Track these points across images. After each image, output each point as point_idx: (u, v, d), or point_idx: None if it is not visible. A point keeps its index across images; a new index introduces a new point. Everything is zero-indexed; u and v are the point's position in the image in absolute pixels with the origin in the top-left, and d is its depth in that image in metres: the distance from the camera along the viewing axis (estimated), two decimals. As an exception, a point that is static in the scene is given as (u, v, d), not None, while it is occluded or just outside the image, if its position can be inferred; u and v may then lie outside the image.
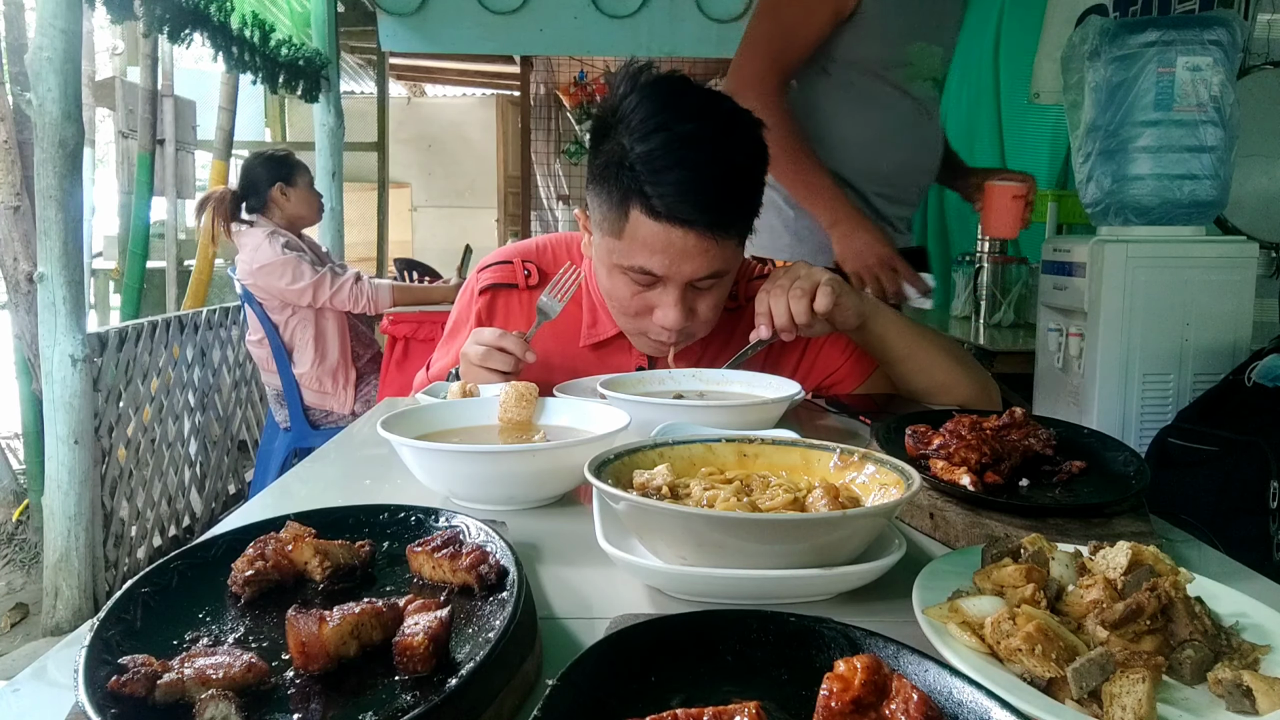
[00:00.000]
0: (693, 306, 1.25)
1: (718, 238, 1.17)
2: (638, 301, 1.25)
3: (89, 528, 2.58)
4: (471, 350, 1.23)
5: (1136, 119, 2.18)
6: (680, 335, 1.28)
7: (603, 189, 1.20)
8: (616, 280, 1.26)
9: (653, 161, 1.13)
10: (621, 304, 1.28)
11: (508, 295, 1.44)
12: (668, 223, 1.15)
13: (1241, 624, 0.59)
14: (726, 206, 1.18)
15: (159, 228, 5.17)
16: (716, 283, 1.25)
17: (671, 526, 0.64)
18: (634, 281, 1.23)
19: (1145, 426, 2.22)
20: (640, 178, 1.14)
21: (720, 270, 1.22)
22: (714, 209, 1.16)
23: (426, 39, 4.87)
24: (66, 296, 2.45)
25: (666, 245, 1.16)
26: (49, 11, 2.35)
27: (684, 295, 1.23)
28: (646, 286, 1.23)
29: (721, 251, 1.19)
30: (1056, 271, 2.38)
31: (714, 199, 1.16)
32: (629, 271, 1.22)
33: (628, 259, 1.20)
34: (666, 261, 1.18)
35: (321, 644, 0.49)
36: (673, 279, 1.20)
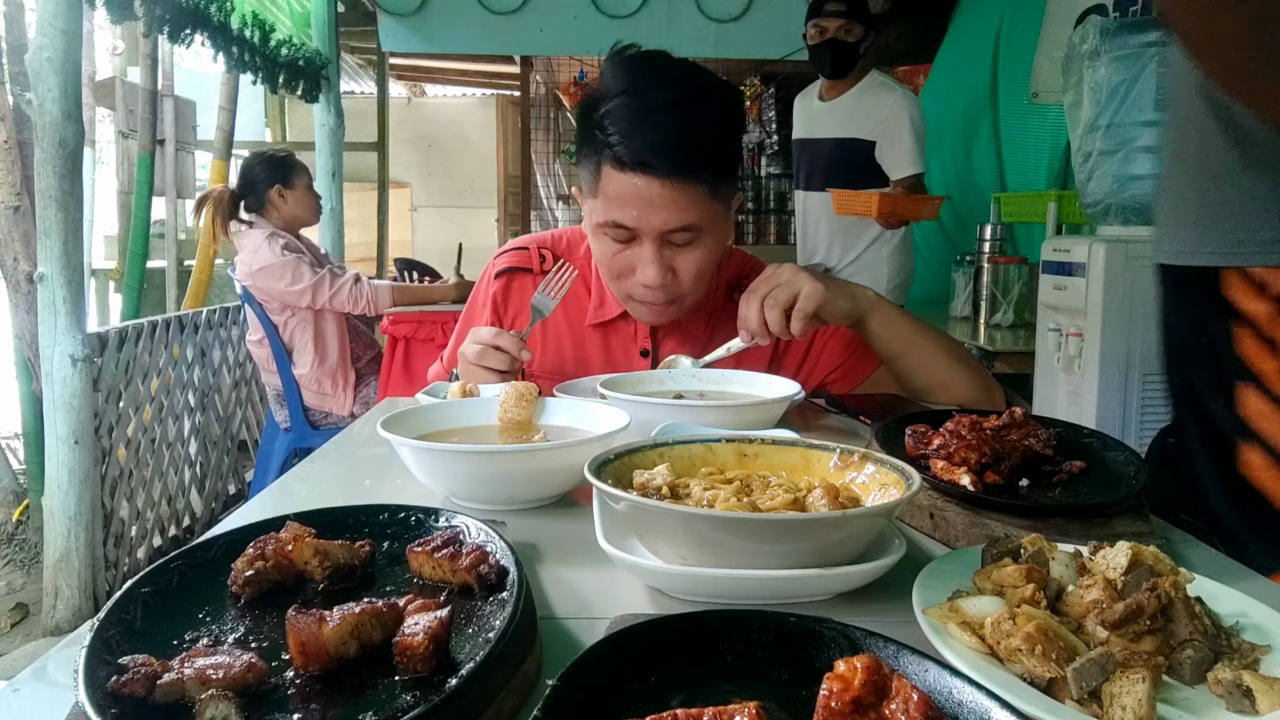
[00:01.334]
0: (673, 266, 1.28)
1: (681, 186, 1.20)
2: (620, 261, 1.29)
3: (89, 528, 2.58)
4: (469, 349, 1.24)
5: (1136, 119, 2.18)
6: (665, 295, 1.29)
7: (584, 157, 1.28)
8: (600, 242, 1.30)
9: (618, 116, 1.20)
10: (608, 266, 1.31)
11: (523, 279, 1.48)
12: (632, 172, 1.20)
13: (1241, 624, 0.59)
14: (687, 154, 1.20)
15: (159, 228, 5.17)
16: (694, 240, 1.27)
17: (671, 526, 0.64)
18: (614, 240, 1.27)
19: (1145, 426, 2.22)
20: (607, 131, 1.20)
21: (691, 224, 1.24)
22: (674, 155, 1.19)
23: (426, 39, 4.88)
24: (66, 296, 2.45)
25: (634, 196, 1.21)
26: (49, 11, 2.35)
27: (660, 251, 1.26)
28: (625, 244, 1.27)
29: (691, 205, 1.22)
30: (1056, 271, 2.38)
31: (674, 146, 1.19)
32: (606, 228, 1.26)
33: (603, 215, 1.25)
34: (635, 213, 1.22)
35: (321, 644, 0.49)
36: (644, 231, 1.24)
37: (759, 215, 6.50)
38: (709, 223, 1.27)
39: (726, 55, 5.09)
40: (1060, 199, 3.02)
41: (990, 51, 4.22)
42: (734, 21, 4.84)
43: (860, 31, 3.22)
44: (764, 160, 6.84)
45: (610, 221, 1.24)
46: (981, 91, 4.27)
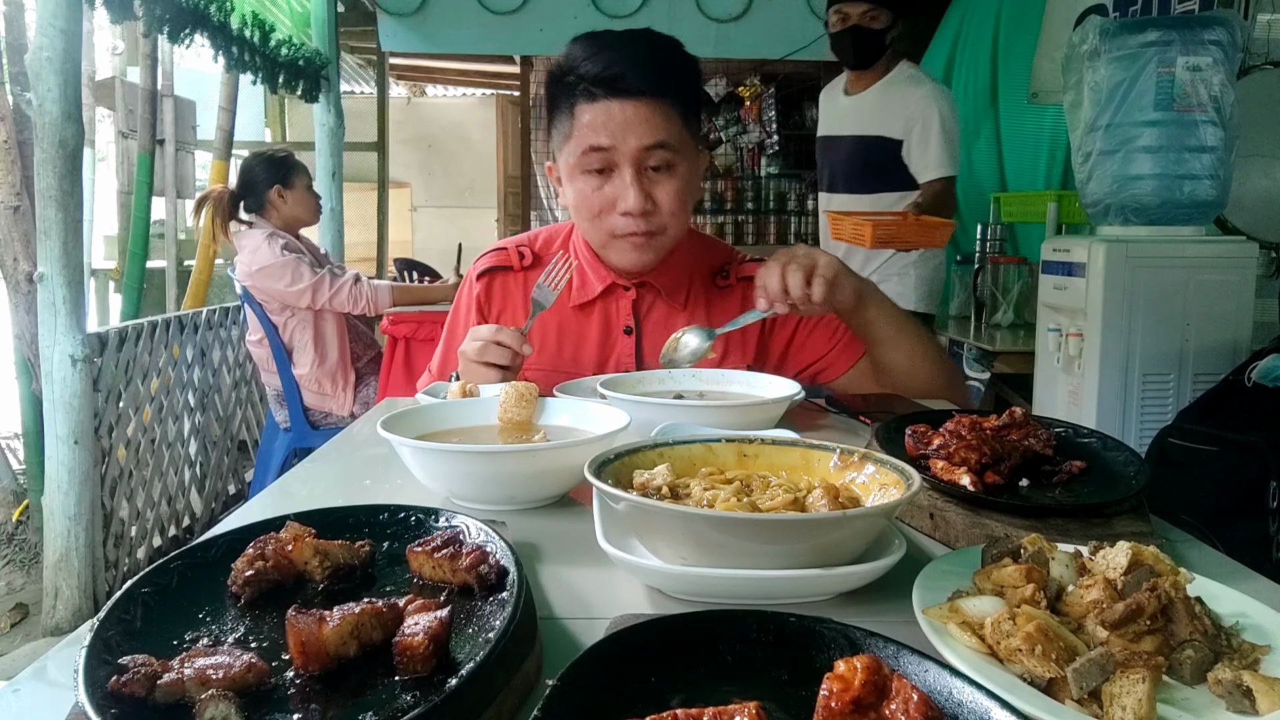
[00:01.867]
0: (651, 194, 1.31)
1: (652, 103, 1.27)
2: (599, 198, 1.32)
3: (89, 528, 2.58)
4: (469, 347, 1.25)
5: (1136, 119, 2.18)
6: (646, 224, 1.32)
7: (557, 116, 1.34)
8: (579, 184, 1.33)
9: (588, 53, 1.29)
10: (587, 206, 1.33)
11: (504, 277, 1.50)
12: (605, 98, 1.27)
13: (1241, 624, 0.59)
14: (656, 70, 1.28)
15: (159, 228, 5.17)
16: (670, 163, 1.31)
17: (671, 526, 0.64)
18: (592, 173, 1.31)
19: (1145, 426, 2.22)
20: (578, 72, 1.28)
21: (665, 140, 1.29)
22: (644, 72, 1.27)
23: (426, 39, 4.88)
24: (66, 296, 2.45)
25: (607, 118, 1.27)
26: (49, 11, 2.35)
27: (639, 176, 1.30)
28: (603, 174, 1.31)
29: (664, 122, 1.28)
30: (1056, 271, 2.38)
31: (639, 63, 1.27)
32: (584, 160, 1.30)
33: (580, 147, 1.29)
34: (610, 134, 1.27)
35: (321, 644, 0.49)
36: (621, 152, 1.28)
37: (759, 215, 6.50)
38: (682, 146, 1.32)
39: (726, 55, 5.09)
40: (1060, 199, 3.02)
41: (989, 52, 4.22)
42: (734, 21, 4.84)
43: (887, 19, 2.93)
44: (764, 160, 6.83)
45: (588, 148, 1.28)
46: (981, 92, 4.27)
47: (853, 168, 3.13)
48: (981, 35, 4.28)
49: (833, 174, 3.24)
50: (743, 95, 6.75)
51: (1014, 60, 3.93)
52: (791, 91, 6.73)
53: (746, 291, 1.49)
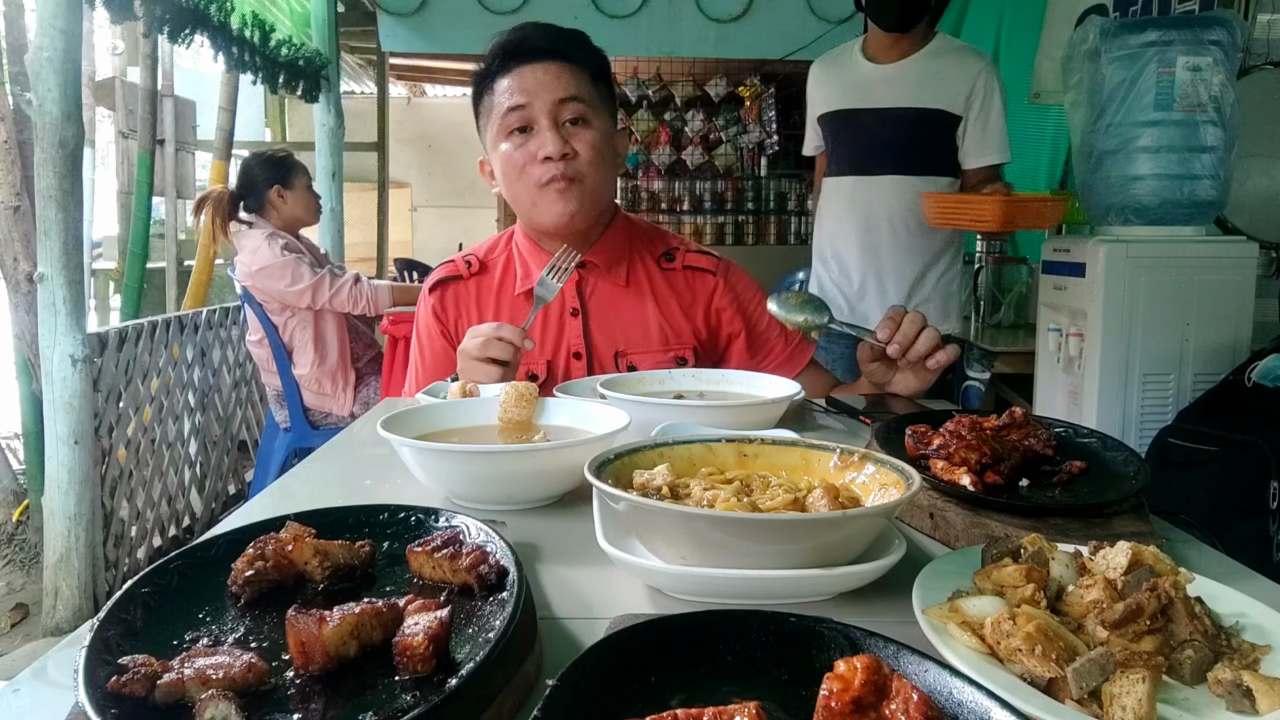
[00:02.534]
0: (569, 142, 1.38)
1: (563, 64, 1.38)
2: (522, 154, 1.39)
3: (89, 528, 2.58)
4: (470, 344, 1.26)
5: (1137, 119, 2.18)
6: (567, 169, 1.38)
7: (481, 107, 1.44)
8: (503, 150, 1.40)
9: (497, 43, 1.41)
10: (512, 166, 1.40)
11: (455, 286, 1.56)
12: (517, 65, 1.38)
13: (1241, 624, 0.59)
14: (558, 37, 1.40)
15: (159, 228, 5.17)
16: (584, 115, 1.39)
17: (671, 526, 0.64)
18: (514, 135, 1.39)
19: (1145, 426, 2.22)
20: (493, 54, 1.40)
21: (578, 96, 1.38)
22: (549, 36, 1.39)
23: (426, 39, 4.88)
24: (66, 296, 2.45)
25: (520, 82, 1.37)
26: (49, 11, 2.35)
27: (556, 127, 1.37)
28: (524, 133, 1.39)
29: (575, 80, 1.38)
30: (1056, 271, 2.38)
31: (547, 31, 1.40)
32: (505, 121, 1.38)
33: (500, 112, 1.39)
34: (525, 93, 1.37)
35: (321, 644, 0.49)
36: (537, 107, 1.37)
37: (759, 215, 6.51)
38: (594, 104, 1.41)
39: (726, 55, 5.09)
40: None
41: (991, 52, 4.22)
42: (734, 21, 4.84)
43: None
44: (764, 160, 6.83)
45: (506, 108, 1.38)
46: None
47: (895, 145, 2.56)
48: (983, 35, 4.28)
49: (863, 153, 2.61)
50: (743, 95, 6.76)
51: (1015, 61, 3.93)
52: (791, 91, 6.73)
53: (693, 281, 1.54)
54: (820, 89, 2.71)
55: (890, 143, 2.57)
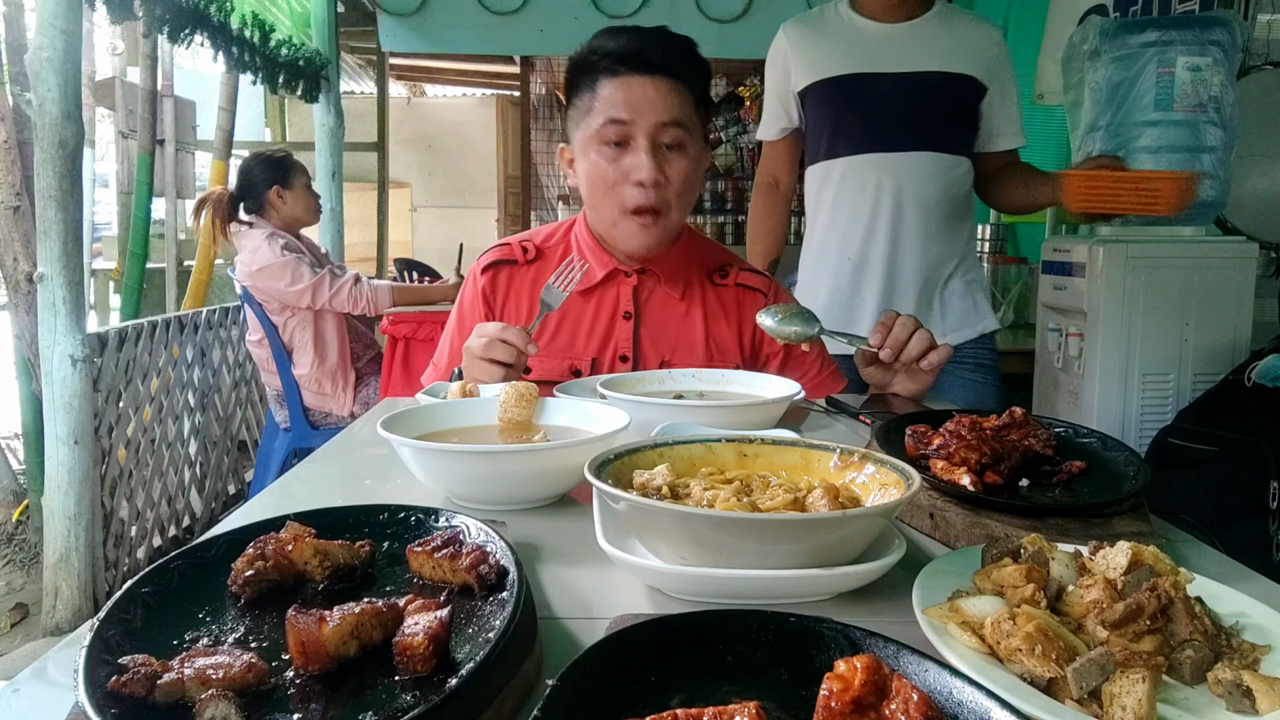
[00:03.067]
0: (664, 169, 1.37)
1: (670, 84, 1.35)
2: (614, 170, 1.37)
3: (89, 528, 2.58)
4: (474, 343, 1.26)
5: (1137, 119, 2.18)
6: (657, 198, 1.37)
7: (577, 97, 1.41)
8: (594, 159, 1.38)
9: (610, 36, 1.37)
10: (601, 179, 1.39)
11: (510, 271, 1.53)
12: (627, 73, 1.34)
13: (1241, 624, 0.59)
14: (674, 53, 1.37)
15: (159, 228, 5.17)
16: (682, 142, 1.37)
17: (671, 526, 0.64)
18: (609, 144, 1.37)
19: (1145, 426, 2.22)
20: (601, 49, 1.36)
21: (681, 120, 1.36)
22: (663, 51, 1.35)
23: (426, 39, 4.87)
24: (66, 296, 2.45)
25: (628, 94, 1.34)
26: (49, 11, 2.35)
27: (654, 150, 1.36)
28: (619, 146, 1.37)
29: (680, 102, 1.36)
30: (1056, 271, 2.38)
31: (662, 46, 1.36)
32: (603, 132, 1.36)
33: (599, 120, 1.36)
34: (630, 108, 1.34)
35: (321, 644, 0.49)
36: (639, 125, 1.35)
37: (759, 215, 6.49)
38: (694, 129, 1.39)
39: (726, 55, 5.09)
40: (1060, 199, 3.01)
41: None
42: (734, 21, 4.85)
43: None
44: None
45: (608, 120, 1.35)
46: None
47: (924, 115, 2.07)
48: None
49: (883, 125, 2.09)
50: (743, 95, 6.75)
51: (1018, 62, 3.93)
52: (791, 91, 6.73)
53: (742, 299, 1.54)
54: (803, 54, 2.17)
55: (919, 112, 2.09)
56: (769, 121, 2.31)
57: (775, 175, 2.34)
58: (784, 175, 2.32)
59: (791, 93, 2.22)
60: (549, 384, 1.43)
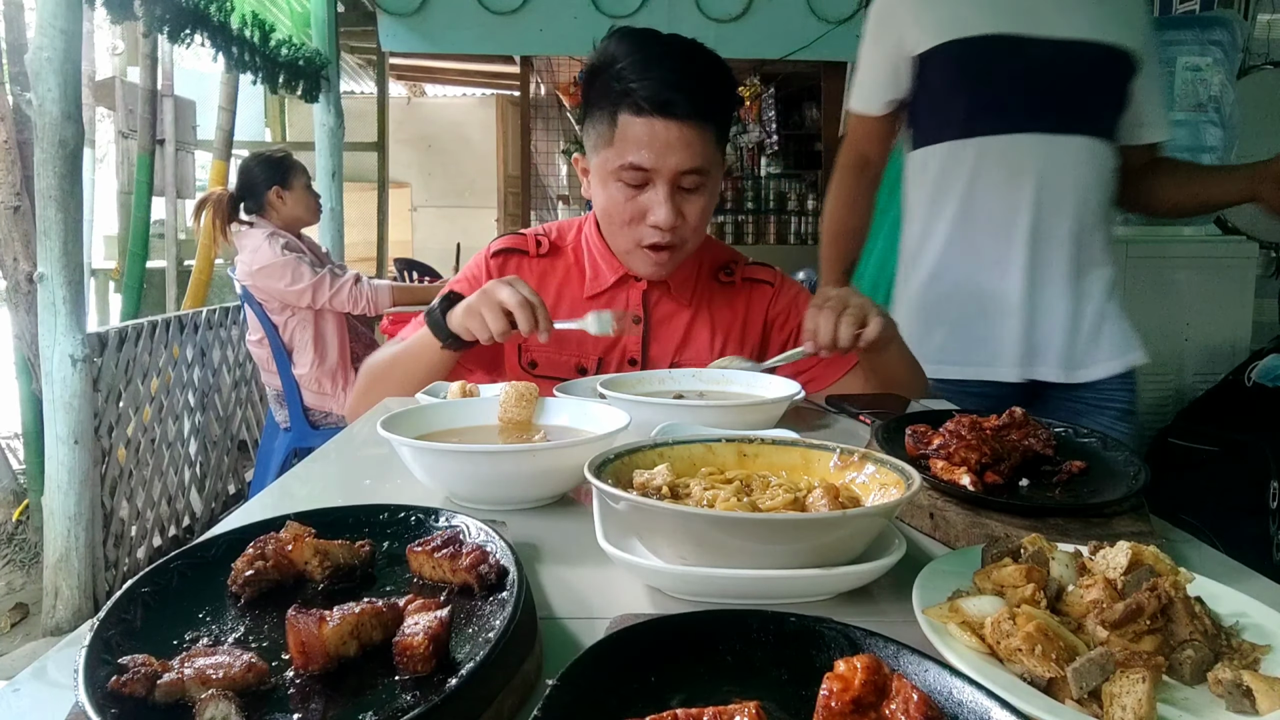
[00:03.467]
0: (681, 209, 1.35)
1: (695, 129, 1.30)
2: (631, 208, 1.35)
3: (89, 528, 2.58)
4: (503, 291, 1.23)
5: (1136, 119, 2.18)
6: (673, 237, 1.36)
7: (595, 114, 1.35)
8: (611, 190, 1.36)
9: (637, 65, 1.29)
10: (618, 213, 1.37)
11: (519, 259, 1.52)
12: (651, 115, 1.28)
13: (1241, 624, 0.59)
14: (704, 95, 1.31)
15: (159, 228, 5.17)
16: (701, 184, 1.35)
17: (671, 526, 0.64)
18: (627, 185, 1.34)
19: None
20: (627, 80, 1.29)
21: (703, 167, 1.33)
22: (694, 97, 1.29)
23: (426, 39, 4.88)
24: (66, 296, 2.45)
25: (651, 138, 1.29)
26: (49, 11, 2.35)
27: (673, 194, 1.33)
28: (638, 188, 1.34)
29: (703, 147, 1.31)
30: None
31: (692, 89, 1.29)
32: (622, 173, 1.32)
33: (619, 159, 1.32)
34: (653, 155, 1.30)
35: (321, 644, 0.49)
36: (660, 172, 1.31)
37: (759, 215, 6.49)
38: (714, 169, 1.36)
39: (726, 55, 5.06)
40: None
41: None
42: (734, 21, 4.84)
43: None
44: (764, 160, 6.83)
45: (629, 164, 1.31)
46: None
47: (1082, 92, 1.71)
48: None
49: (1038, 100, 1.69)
50: (743, 95, 6.76)
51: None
52: (791, 91, 6.73)
53: (750, 293, 1.54)
54: (930, 8, 1.75)
55: (1077, 87, 1.71)
56: (872, 91, 1.85)
57: (867, 154, 1.90)
58: (877, 156, 1.91)
59: (908, 56, 1.77)
60: (553, 379, 1.42)
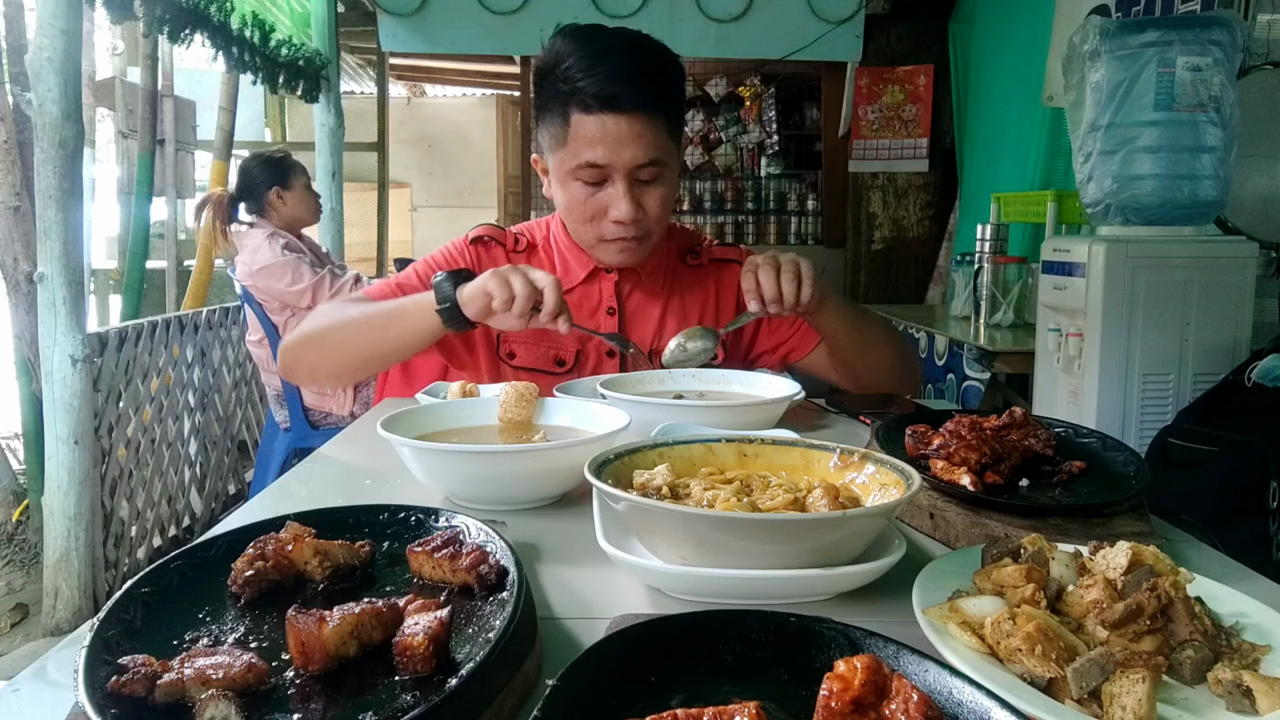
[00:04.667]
0: (641, 202, 1.35)
1: (646, 121, 1.29)
2: (591, 205, 1.35)
3: (89, 528, 2.58)
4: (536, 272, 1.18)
5: (1137, 119, 2.18)
6: (636, 230, 1.36)
7: (547, 114, 1.34)
8: (570, 189, 1.36)
9: (583, 62, 1.29)
10: (579, 211, 1.37)
11: (495, 250, 1.52)
12: (601, 112, 1.28)
13: (1241, 624, 0.59)
14: (651, 87, 1.31)
15: (159, 228, 5.17)
16: (659, 175, 1.35)
17: (671, 526, 0.64)
18: (584, 184, 1.34)
19: (1145, 426, 2.21)
20: (574, 79, 1.28)
21: (658, 158, 1.32)
22: (641, 89, 1.29)
23: (426, 39, 4.87)
24: (66, 296, 2.45)
25: (603, 134, 1.29)
26: (49, 11, 2.35)
27: (631, 188, 1.33)
28: (596, 185, 1.34)
29: (655, 138, 1.31)
30: (1056, 271, 2.38)
31: (639, 81, 1.29)
32: (578, 172, 1.32)
33: (574, 159, 1.31)
34: (607, 150, 1.29)
35: (321, 644, 0.49)
36: (616, 168, 1.31)
37: (759, 215, 6.49)
38: (669, 158, 1.36)
39: (726, 55, 5.08)
40: (1060, 199, 3.02)
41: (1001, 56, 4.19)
42: (734, 21, 4.84)
43: None
44: (764, 160, 6.83)
45: (584, 163, 1.31)
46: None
47: None
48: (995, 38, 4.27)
49: None
50: (743, 95, 6.75)
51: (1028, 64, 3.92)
52: (791, 91, 6.72)
53: (719, 273, 1.56)
54: None
55: None
56: None
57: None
58: None
59: None
60: (531, 371, 1.44)
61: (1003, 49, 4.16)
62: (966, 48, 4.69)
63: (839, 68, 5.23)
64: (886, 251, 5.17)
